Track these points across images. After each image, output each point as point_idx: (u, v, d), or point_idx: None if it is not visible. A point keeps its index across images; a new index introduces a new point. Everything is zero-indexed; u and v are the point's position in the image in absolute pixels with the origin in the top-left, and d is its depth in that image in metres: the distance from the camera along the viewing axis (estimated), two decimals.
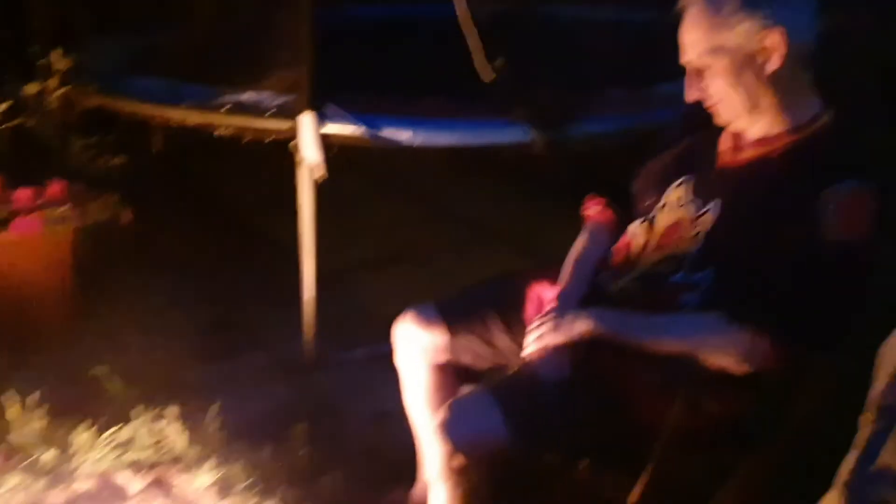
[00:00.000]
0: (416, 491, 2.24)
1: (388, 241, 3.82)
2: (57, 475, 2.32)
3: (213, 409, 2.51)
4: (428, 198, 4.24)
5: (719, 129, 1.85)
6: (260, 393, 2.77)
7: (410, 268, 3.57)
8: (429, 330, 2.07)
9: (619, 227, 2.01)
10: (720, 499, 1.72)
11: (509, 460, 1.76)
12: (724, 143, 1.85)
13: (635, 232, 1.94)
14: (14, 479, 2.27)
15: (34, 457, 2.34)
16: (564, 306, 1.90)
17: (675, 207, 1.87)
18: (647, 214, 1.93)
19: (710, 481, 1.76)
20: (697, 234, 1.79)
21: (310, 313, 2.92)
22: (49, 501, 2.30)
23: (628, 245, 1.94)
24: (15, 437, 2.39)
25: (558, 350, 1.82)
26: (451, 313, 2.08)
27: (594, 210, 2.10)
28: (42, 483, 2.30)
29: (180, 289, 3.32)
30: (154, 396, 2.55)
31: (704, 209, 1.80)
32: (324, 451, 2.45)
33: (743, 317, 1.66)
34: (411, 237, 3.88)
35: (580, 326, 1.79)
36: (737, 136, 1.82)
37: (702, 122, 1.87)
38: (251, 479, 2.32)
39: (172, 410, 2.49)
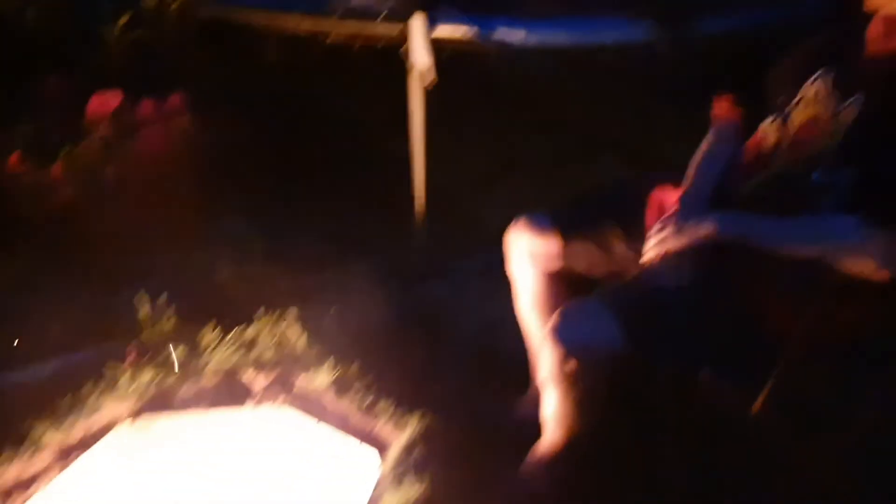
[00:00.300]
0: (529, 396, 2.25)
1: (500, 151, 3.75)
2: (187, 370, 2.45)
3: (331, 312, 2.57)
4: (540, 106, 4.12)
5: (867, 17, 1.68)
6: (374, 299, 2.81)
7: (522, 178, 3.50)
8: (541, 237, 2.03)
9: (750, 125, 1.89)
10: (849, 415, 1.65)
11: (624, 367, 1.73)
12: (875, 29, 1.68)
13: (767, 130, 1.82)
14: (147, 375, 2.41)
15: (165, 354, 2.47)
16: (688, 210, 1.82)
17: (811, 103, 1.73)
18: (780, 111, 1.80)
19: (837, 396, 1.68)
20: (836, 130, 1.65)
21: (421, 223, 2.92)
22: (180, 395, 2.44)
23: (760, 144, 1.83)
24: (146, 335, 2.52)
25: (680, 255, 1.75)
26: (564, 220, 2.03)
27: (723, 108, 1.98)
28: (173, 378, 2.43)
29: (297, 198, 3.38)
30: (275, 300, 2.62)
31: (846, 104, 1.66)
32: (436, 356, 2.49)
33: (884, 220, 1.53)
34: (523, 146, 3.79)
35: (704, 230, 1.71)
36: (891, 21, 1.64)
37: (845, 10, 1.71)
38: (367, 380, 2.38)
39: (292, 313, 2.57)
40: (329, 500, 2.29)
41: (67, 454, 2.25)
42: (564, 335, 1.71)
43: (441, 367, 2.42)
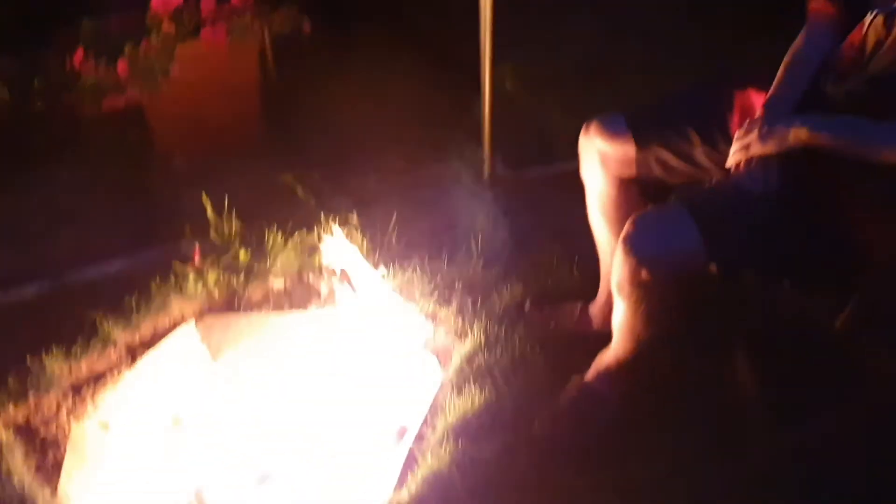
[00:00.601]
0: (595, 306, 2.18)
1: (574, 55, 3.57)
2: (253, 273, 2.45)
3: (393, 218, 2.53)
4: (616, 9, 3.90)
5: None
6: (439, 206, 2.75)
7: (596, 83, 3.34)
8: (616, 142, 1.92)
9: (849, 22, 1.72)
10: None
11: (701, 278, 1.64)
12: None
13: (868, 28, 1.65)
14: (213, 276, 2.42)
15: (231, 255, 2.47)
16: (776, 112, 1.69)
17: None
18: (883, 7, 1.63)
19: None
20: None
21: (489, 127, 2.82)
22: (248, 296, 2.45)
23: (858, 43, 1.67)
24: (211, 236, 2.52)
25: (766, 161, 1.63)
26: (641, 124, 1.92)
27: (819, 2, 1.80)
28: (240, 279, 2.44)
29: (362, 100, 3.30)
30: (338, 204, 2.59)
31: None
32: (501, 264, 2.43)
33: None
34: (598, 51, 3.61)
35: (794, 134, 1.59)
36: None
37: None
38: (429, 287, 2.35)
39: (354, 218, 2.53)
40: (390, 407, 2.30)
41: (135, 351, 2.29)
42: (638, 244, 1.62)
43: (506, 277, 2.36)
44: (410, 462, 1.94)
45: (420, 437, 2.01)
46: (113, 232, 2.59)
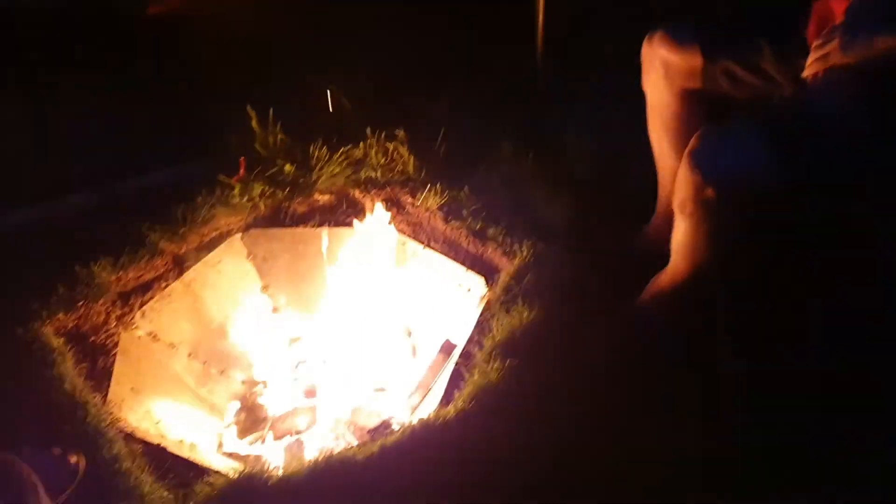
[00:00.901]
0: (651, 226, 2.11)
1: None
2: (298, 187, 2.41)
3: (442, 133, 2.46)
4: None
5: None
6: (489, 121, 2.66)
7: None
8: (682, 52, 1.81)
9: None
10: None
11: (768, 196, 1.56)
12: None
13: None
14: (258, 189, 2.38)
15: (276, 168, 2.43)
16: (858, 21, 1.56)
17: None
18: None
19: None
20: None
21: (541, 39, 2.70)
22: (293, 209, 2.42)
23: None
24: (257, 149, 2.47)
25: (846, 72, 1.52)
26: (709, 33, 1.80)
27: None
28: (285, 193, 2.40)
29: (410, 15, 3.17)
30: (385, 119, 2.52)
31: None
32: (553, 182, 2.35)
33: None
34: None
35: (879, 43, 1.47)
36: None
37: None
38: (477, 205, 2.29)
39: (402, 134, 2.46)
40: (435, 326, 2.28)
41: (182, 262, 2.29)
42: (704, 160, 1.54)
43: (558, 194, 2.29)
44: (456, 379, 1.92)
45: (467, 355, 1.98)
46: (159, 143, 2.55)
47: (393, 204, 2.42)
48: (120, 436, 1.80)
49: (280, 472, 1.69)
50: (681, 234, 1.70)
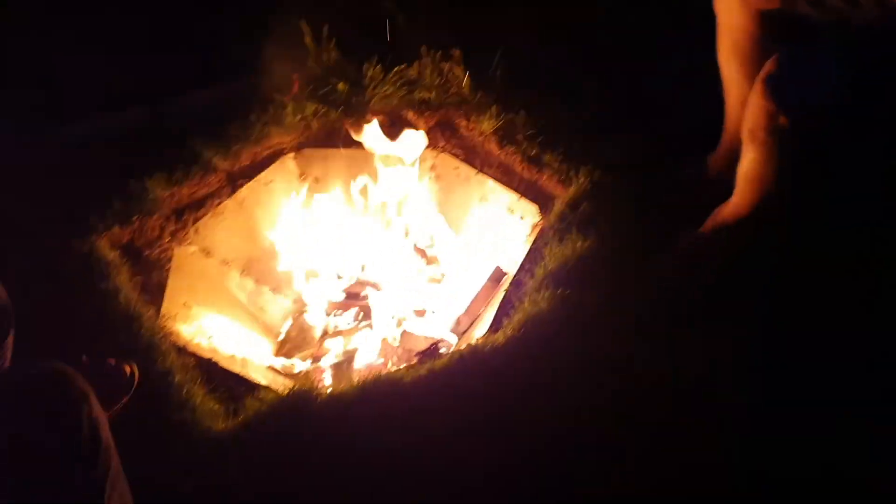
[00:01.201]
0: (715, 156, 2.02)
1: None
2: (350, 105, 2.37)
3: (499, 55, 2.38)
4: None
5: None
6: (548, 45, 2.56)
7: None
8: None
9: None
10: None
11: (844, 127, 1.47)
12: None
13: None
14: (311, 107, 2.35)
15: (329, 87, 2.38)
16: None
17: None
18: None
19: None
20: None
21: None
22: (343, 130, 2.38)
23: None
24: (310, 67, 2.43)
25: None
26: None
27: None
28: (338, 112, 2.36)
29: None
30: (440, 38, 2.44)
31: None
32: (616, 109, 2.27)
33: None
34: None
35: None
36: None
37: None
38: (534, 130, 2.22)
39: (458, 54, 2.39)
40: (487, 252, 2.25)
41: (235, 179, 2.28)
42: (779, 86, 1.45)
43: (621, 122, 2.20)
44: (506, 307, 1.90)
45: (517, 283, 1.95)
46: (214, 60, 2.52)
47: (446, 126, 2.37)
48: (173, 349, 1.83)
49: (329, 391, 1.71)
50: (748, 163, 1.62)
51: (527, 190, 2.21)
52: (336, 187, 2.35)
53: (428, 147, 2.33)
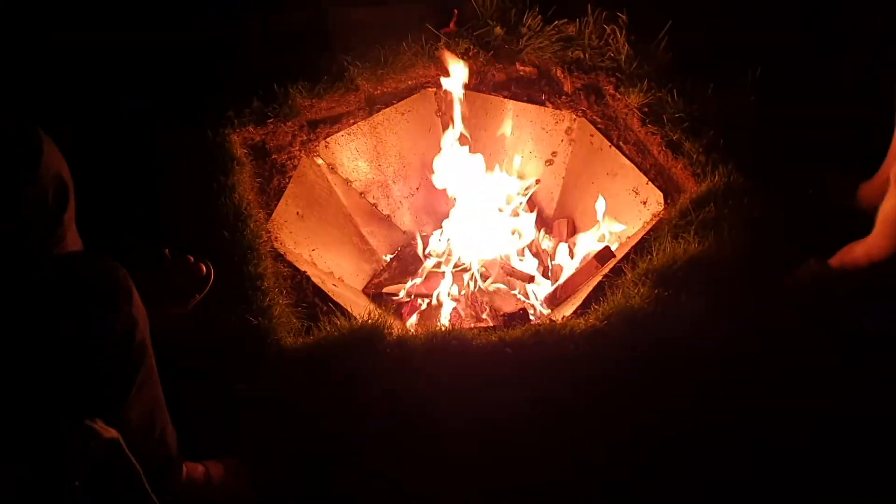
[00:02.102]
0: (870, 185, 1.83)
1: None
2: (501, 52, 2.32)
3: (666, 29, 2.23)
4: None
5: None
6: (720, 31, 2.36)
7: None
8: None
9: None
10: None
11: None
12: None
13: None
14: (463, 46, 2.32)
15: (486, 29, 2.33)
16: None
17: None
18: None
19: None
20: None
21: None
22: (489, 75, 2.34)
23: None
24: (473, 4, 2.38)
25: None
26: None
27: None
28: (488, 56, 2.32)
29: None
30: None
31: None
32: (776, 110, 2.08)
33: None
34: None
35: None
36: None
37: None
38: (682, 114, 2.09)
39: (624, 18, 2.26)
40: (598, 227, 2.16)
41: (374, 103, 2.30)
42: None
43: (773, 121, 2.02)
44: (599, 292, 1.83)
45: (617, 270, 1.87)
46: None
47: (592, 91, 2.27)
48: (270, 255, 1.90)
49: (398, 331, 1.73)
50: (891, 206, 1.45)
51: (657, 175, 2.09)
52: (469, 128, 2.32)
53: (569, 109, 2.26)
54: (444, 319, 2.07)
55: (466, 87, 2.26)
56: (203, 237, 1.79)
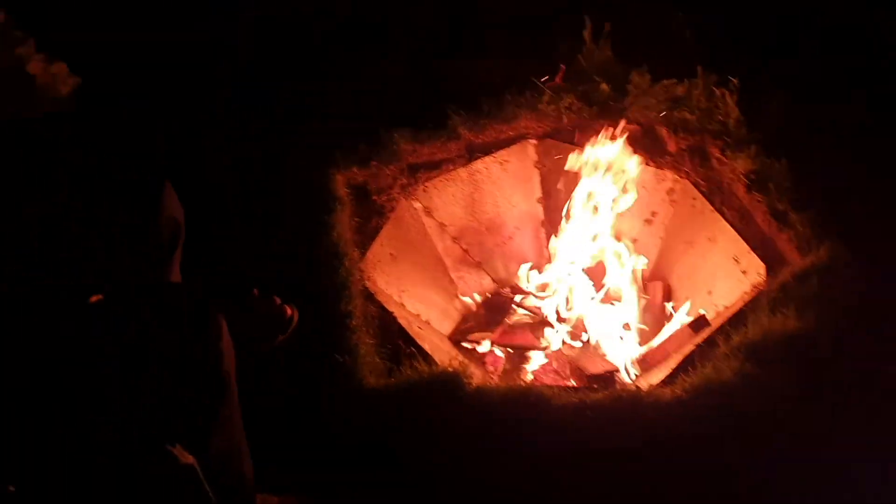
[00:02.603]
0: None
1: None
2: (606, 108, 2.31)
3: (780, 97, 2.18)
4: None
5: None
6: (842, 102, 2.27)
7: None
8: None
9: None
10: None
11: None
12: None
13: None
14: (568, 100, 2.32)
15: (591, 85, 2.34)
16: None
17: None
18: None
19: None
20: None
21: None
22: (592, 130, 2.33)
23: None
24: (579, 61, 2.39)
25: None
26: None
27: None
28: (592, 111, 2.31)
29: None
30: (721, 63, 2.28)
31: None
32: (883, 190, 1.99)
33: None
34: None
35: None
36: None
37: None
38: (790, 184, 2.02)
39: (735, 82, 2.22)
40: (695, 294, 2.11)
41: (473, 151, 2.33)
42: None
43: (887, 205, 1.93)
44: (688, 361, 1.78)
45: (710, 341, 1.82)
46: (485, 34, 2.57)
47: (697, 153, 2.23)
48: (361, 294, 1.93)
49: (478, 381, 1.72)
50: None
51: (760, 244, 2.02)
52: (568, 182, 2.32)
53: (671, 169, 2.22)
54: (527, 374, 2.05)
55: (571, 142, 2.27)
56: (299, 272, 1.84)
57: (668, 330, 2.12)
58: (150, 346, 1.01)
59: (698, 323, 2.01)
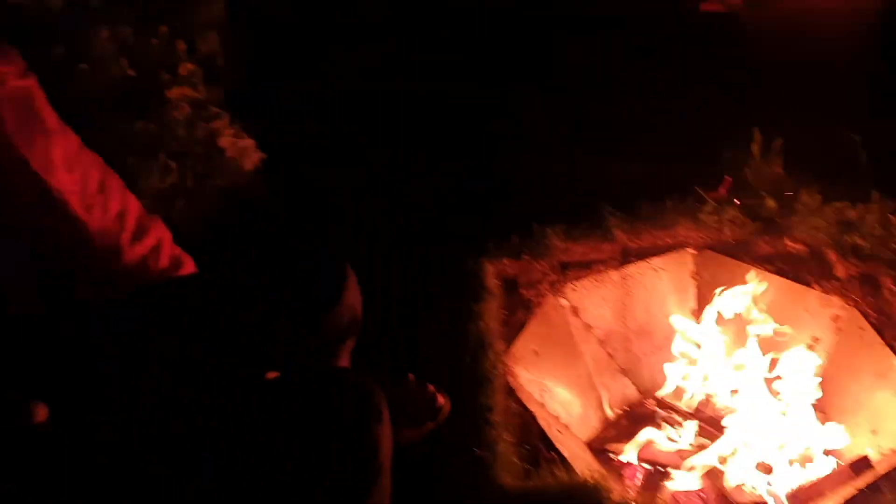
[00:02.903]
0: None
1: None
2: (770, 225, 2.24)
3: None
4: None
5: None
6: None
7: None
8: None
9: None
10: None
11: None
12: None
13: None
14: (732, 213, 2.27)
15: (757, 199, 2.28)
16: None
17: None
18: None
19: None
20: None
21: None
22: (755, 247, 2.26)
23: None
24: (748, 173, 2.34)
25: None
26: None
27: None
28: (755, 226, 2.25)
29: None
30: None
31: None
32: None
33: None
34: None
35: None
36: None
37: None
38: None
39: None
40: (858, 432, 1.95)
41: (627, 255, 2.30)
42: None
43: None
44: None
45: (874, 487, 1.67)
46: (651, 136, 2.58)
47: (868, 281, 2.11)
48: (504, 389, 1.92)
49: (618, 497, 1.65)
50: None
51: None
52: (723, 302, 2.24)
53: (839, 296, 2.11)
54: (667, 492, 1.95)
55: (730, 251, 2.20)
56: (445, 359, 1.85)
57: (825, 466, 1.97)
58: (300, 432, 1.03)
59: (860, 464, 1.86)
